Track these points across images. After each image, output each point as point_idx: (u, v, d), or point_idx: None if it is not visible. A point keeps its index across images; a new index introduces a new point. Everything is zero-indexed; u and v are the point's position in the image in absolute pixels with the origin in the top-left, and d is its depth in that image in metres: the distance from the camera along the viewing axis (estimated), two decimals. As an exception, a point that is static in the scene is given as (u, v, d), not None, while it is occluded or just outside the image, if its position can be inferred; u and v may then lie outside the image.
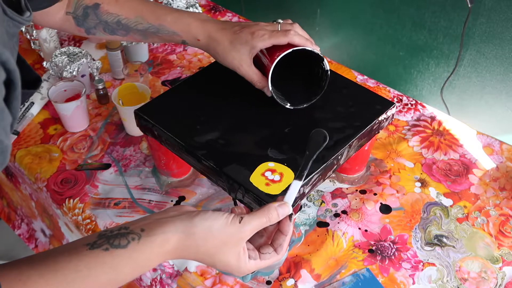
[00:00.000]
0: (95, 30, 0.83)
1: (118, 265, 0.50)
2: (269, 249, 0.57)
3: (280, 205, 0.57)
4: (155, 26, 0.81)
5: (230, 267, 0.56)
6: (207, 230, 0.53)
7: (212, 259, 0.55)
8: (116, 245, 0.50)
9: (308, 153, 0.61)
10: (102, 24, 0.82)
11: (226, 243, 0.54)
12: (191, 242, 0.53)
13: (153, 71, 1.17)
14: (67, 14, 0.81)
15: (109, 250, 0.50)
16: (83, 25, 0.83)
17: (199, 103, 0.82)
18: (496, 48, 1.12)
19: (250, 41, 0.76)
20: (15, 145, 1.01)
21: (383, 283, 0.78)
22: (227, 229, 0.54)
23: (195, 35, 0.80)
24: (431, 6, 1.17)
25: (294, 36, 0.75)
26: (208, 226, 0.53)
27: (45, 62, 1.08)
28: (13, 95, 0.43)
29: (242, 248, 0.55)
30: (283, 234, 0.57)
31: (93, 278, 0.49)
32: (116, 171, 0.95)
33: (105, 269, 0.49)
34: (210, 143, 0.75)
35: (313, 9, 1.45)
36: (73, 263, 0.48)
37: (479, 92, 1.21)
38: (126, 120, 0.99)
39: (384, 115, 0.81)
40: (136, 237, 0.51)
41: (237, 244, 0.54)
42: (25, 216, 1.17)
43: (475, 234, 0.85)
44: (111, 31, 0.83)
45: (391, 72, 1.37)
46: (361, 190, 0.92)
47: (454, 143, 1.01)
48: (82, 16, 0.81)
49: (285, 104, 0.79)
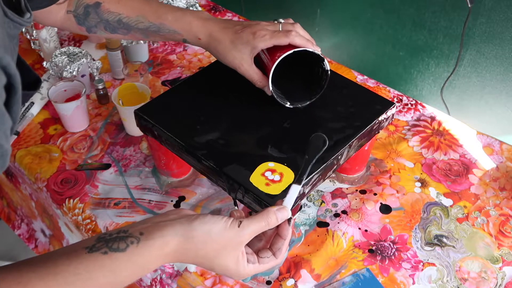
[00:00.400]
0: (96, 28, 0.84)
1: (117, 269, 0.50)
2: (268, 253, 0.57)
3: (279, 209, 0.57)
4: (156, 25, 0.81)
5: (228, 271, 0.56)
6: (206, 234, 0.53)
7: (211, 263, 0.55)
8: (115, 249, 0.50)
9: (308, 157, 0.61)
10: (103, 23, 0.82)
11: (225, 247, 0.54)
12: (190, 245, 0.53)
13: (153, 71, 1.17)
14: (68, 13, 0.82)
15: (108, 253, 0.50)
16: (84, 23, 0.83)
17: (199, 103, 0.82)
18: (496, 48, 1.12)
19: (252, 41, 0.76)
20: (15, 145, 1.01)
21: (383, 283, 0.78)
22: (226, 233, 0.54)
23: (196, 34, 0.80)
24: (431, 6, 1.17)
25: (295, 37, 0.75)
26: (207, 230, 0.53)
27: (45, 62, 1.08)
28: (13, 99, 0.43)
29: (241, 252, 0.55)
30: (281, 238, 0.57)
31: (92, 281, 0.49)
32: (116, 171, 0.95)
33: (104, 272, 0.49)
34: (210, 143, 0.75)
35: (313, 9, 1.45)
36: (73, 266, 0.48)
37: (479, 92, 1.21)
38: (126, 120, 0.99)
39: (384, 115, 0.81)
40: (135, 241, 0.51)
41: (236, 248, 0.54)
42: (25, 216, 1.17)
43: (475, 234, 0.85)
44: (112, 30, 0.83)
45: (391, 72, 1.37)
46: (361, 190, 0.92)
47: (454, 143, 1.01)
48: (83, 15, 0.82)
49: (285, 103, 0.79)
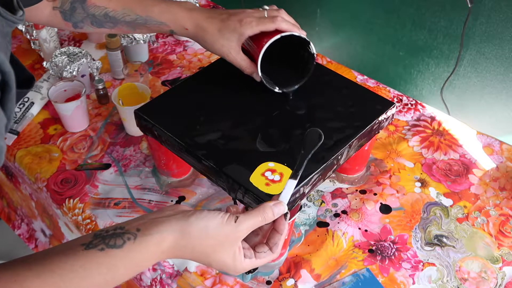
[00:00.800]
0: (83, 24, 0.84)
1: (114, 266, 0.50)
2: (265, 248, 0.57)
3: (275, 204, 0.57)
4: (143, 17, 0.82)
5: (226, 266, 0.56)
6: (203, 230, 0.53)
7: (208, 259, 0.55)
8: (112, 245, 0.50)
9: (304, 152, 0.61)
10: (90, 18, 0.82)
11: (222, 243, 0.54)
12: (187, 241, 0.53)
13: (153, 71, 1.17)
14: (54, 9, 0.82)
15: (105, 250, 0.50)
16: (70, 19, 0.83)
17: (199, 103, 0.82)
18: (496, 48, 1.12)
19: (239, 29, 0.77)
20: (15, 145, 1.01)
21: (383, 283, 0.78)
22: (223, 229, 0.54)
23: (183, 25, 0.81)
24: (431, 6, 1.17)
25: (281, 22, 0.77)
26: (204, 225, 0.53)
27: (45, 62, 1.08)
28: (7, 97, 0.43)
29: (238, 247, 0.55)
30: (278, 233, 0.57)
31: (89, 279, 0.49)
32: (116, 171, 0.95)
33: (101, 269, 0.49)
34: (210, 143, 0.75)
35: (313, 9, 1.45)
36: (69, 263, 0.48)
37: (479, 92, 1.21)
38: (126, 120, 0.99)
39: (384, 115, 0.81)
40: (132, 237, 0.51)
41: (233, 243, 0.54)
42: (25, 216, 1.17)
43: (475, 234, 0.85)
44: (98, 24, 0.84)
45: (391, 72, 1.37)
46: (361, 190, 0.92)
47: (454, 143, 1.01)
48: (69, 11, 0.82)
49: (274, 88, 0.80)
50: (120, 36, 1.12)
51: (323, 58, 1.22)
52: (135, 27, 0.84)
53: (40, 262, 0.48)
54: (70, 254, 0.49)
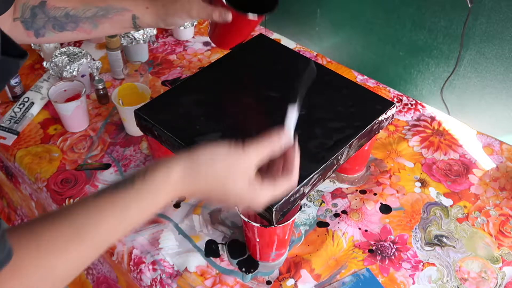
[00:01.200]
0: (45, 30, 0.82)
1: (126, 206, 0.50)
2: (281, 176, 0.58)
3: (279, 130, 0.58)
4: (103, 7, 0.81)
5: (244, 196, 0.56)
6: (211, 154, 0.54)
7: (223, 187, 0.55)
8: (123, 186, 0.51)
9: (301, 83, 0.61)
10: (51, 21, 0.81)
11: (233, 166, 0.54)
12: (196, 168, 0.53)
13: (153, 71, 1.17)
14: (14, 20, 0.80)
15: (117, 191, 0.50)
16: (32, 27, 0.81)
17: (199, 103, 0.82)
18: (496, 48, 1.12)
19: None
20: (15, 145, 1.01)
21: (383, 283, 0.78)
22: (231, 154, 0.55)
23: (143, 4, 0.80)
24: (431, 6, 1.17)
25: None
26: (211, 151, 0.54)
27: (45, 62, 1.08)
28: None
29: (253, 172, 0.56)
30: (290, 160, 0.58)
31: (103, 224, 0.49)
32: (116, 171, 0.95)
33: (114, 211, 0.50)
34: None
35: (313, 9, 1.44)
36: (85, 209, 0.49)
37: (479, 92, 1.21)
38: (126, 120, 0.99)
39: (384, 115, 0.81)
40: (141, 175, 0.52)
41: (246, 169, 0.55)
42: (25, 216, 1.17)
43: (475, 234, 0.85)
44: (60, 27, 0.82)
45: (391, 72, 1.37)
46: (361, 190, 0.92)
47: (454, 143, 1.01)
48: (30, 18, 0.80)
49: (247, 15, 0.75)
50: (120, 36, 1.12)
51: (323, 58, 1.22)
52: (97, 22, 0.82)
53: (57, 215, 0.48)
54: (83, 203, 0.50)
